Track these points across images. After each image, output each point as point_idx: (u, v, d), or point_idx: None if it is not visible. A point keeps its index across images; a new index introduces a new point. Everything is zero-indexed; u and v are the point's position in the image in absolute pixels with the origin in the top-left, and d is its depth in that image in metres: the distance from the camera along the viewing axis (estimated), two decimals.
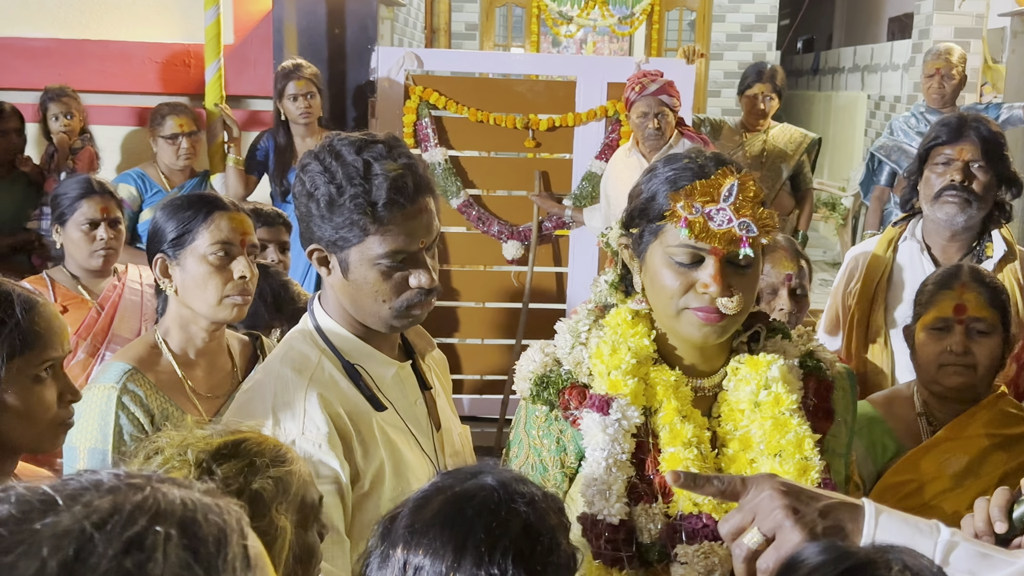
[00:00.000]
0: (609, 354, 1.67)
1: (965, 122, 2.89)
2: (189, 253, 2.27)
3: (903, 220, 3.07)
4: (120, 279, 3.30)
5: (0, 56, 5.14)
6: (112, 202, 3.28)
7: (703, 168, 1.61)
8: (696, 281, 1.60)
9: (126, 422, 2.16)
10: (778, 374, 1.66)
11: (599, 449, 1.63)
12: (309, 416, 1.73)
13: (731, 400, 1.69)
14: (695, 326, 1.62)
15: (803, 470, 1.62)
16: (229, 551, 0.76)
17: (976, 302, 2.41)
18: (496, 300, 5.54)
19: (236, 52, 5.19)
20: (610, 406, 1.64)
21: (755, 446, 1.65)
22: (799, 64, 15.66)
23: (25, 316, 1.66)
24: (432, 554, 1.19)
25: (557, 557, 1.22)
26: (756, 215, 1.58)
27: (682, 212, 1.58)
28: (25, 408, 1.66)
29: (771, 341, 1.75)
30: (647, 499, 1.64)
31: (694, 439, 1.64)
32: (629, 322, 1.70)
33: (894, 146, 5.39)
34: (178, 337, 2.32)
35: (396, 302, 1.78)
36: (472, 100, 5.32)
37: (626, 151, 4.83)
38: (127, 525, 0.73)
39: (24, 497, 0.75)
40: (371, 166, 1.71)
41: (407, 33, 8.90)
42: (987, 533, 1.59)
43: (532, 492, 1.26)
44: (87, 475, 0.79)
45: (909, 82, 9.05)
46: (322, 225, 1.75)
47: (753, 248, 1.58)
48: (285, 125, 4.81)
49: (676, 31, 12.46)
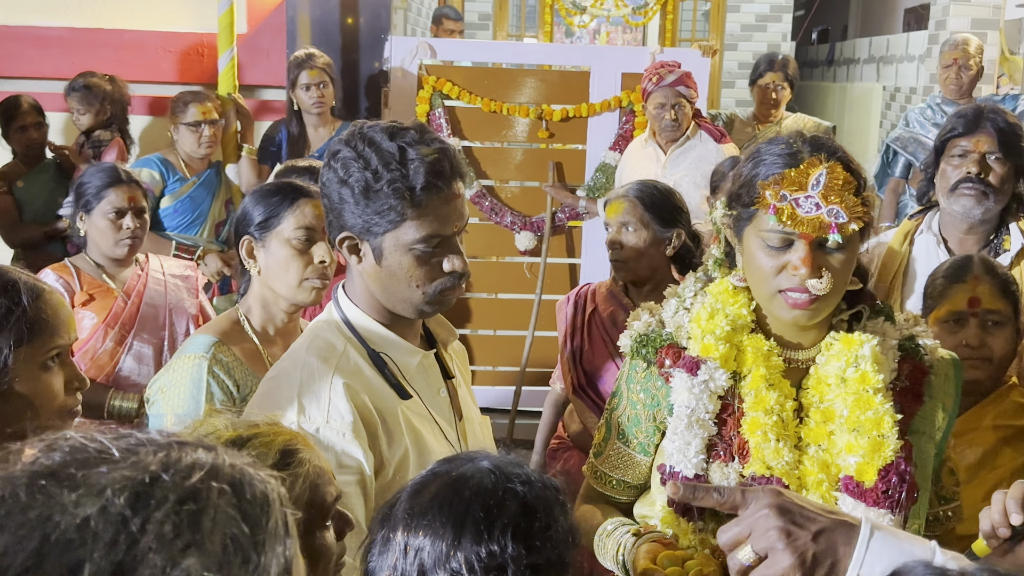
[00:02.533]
0: (707, 319, 1.77)
1: (981, 113, 2.86)
2: (274, 236, 2.36)
3: (919, 213, 3.04)
4: (143, 268, 3.32)
5: (15, 45, 5.15)
6: (139, 191, 3.30)
7: (796, 155, 1.68)
8: (787, 263, 1.67)
9: (217, 389, 2.25)
10: (868, 353, 1.72)
11: (684, 406, 1.75)
12: (334, 405, 1.74)
13: (821, 374, 1.76)
14: (786, 309, 1.70)
15: (877, 447, 1.69)
16: (273, 516, 0.81)
17: (989, 294, 2.40)
18: (509, 291, 5.53)
19: (249, 41, 5.19)
20: (699, 368, 1.75)
21: (836, 419, 1.72)
22: (814, 55, 15.57)
23: (32, 304, 1.66)
24: (432, 534, 1.22)
25: (555, 532, 1.25)
26: (845, 202, 1.64)
27: (771, 200, 1.65)
28: (32, 396, 1.67)
29: (872, 322, 1.80)
30: (724, 458, 1.75)
31: (776, 406, 1.72)
32: (731, 292, 1.80)
33: (910, 137, 5.35)
34: (259, 315, 2.42)
35: (430, 287, 1.80)
36: (485, 90, 5.31)
37: (642, 142, 4.82)
38: (186, 476, 0.77)
39: (79, 445, 0.79)
40: (406, 151, 1.72)
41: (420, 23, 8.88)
42: (1004, 525, 1.59)
43: (528, 473, 1.29)
44: (141, 433, 0.83)
45: (925, 73, 8.99)
46: (355, 212, 1.76)
47: (842, 234, 1.64)
48: (298, 115, 4.81)
49: (690, 21, 12.40)
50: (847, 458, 1.71)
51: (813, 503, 1.37)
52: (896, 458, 1.69)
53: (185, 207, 4.52)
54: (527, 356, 5.23)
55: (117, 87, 4.83)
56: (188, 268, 3.47)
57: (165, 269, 3.37)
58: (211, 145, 4.59)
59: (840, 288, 1.71)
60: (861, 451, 1.69)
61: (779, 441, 1.71)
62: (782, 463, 1.70)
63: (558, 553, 1.25)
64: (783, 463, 1.70)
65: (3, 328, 1.63)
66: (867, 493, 1.68)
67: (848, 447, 1.70)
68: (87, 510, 0.73)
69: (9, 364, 1.63)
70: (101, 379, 3.16)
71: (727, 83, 11.88)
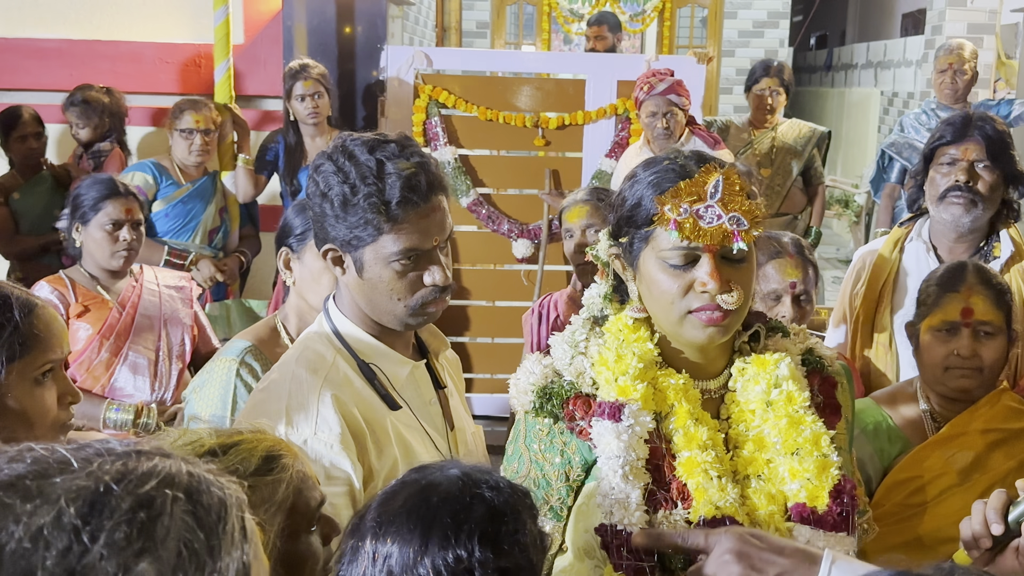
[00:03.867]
0: (614, 360, 1.65)
1: (970, 121, 2.84)
2: (308, 249, 2.36)
3: (910, 220, 3.04)
4: (137, 280, 3.33)
5: (12, 57, 5.17)
6: (135, 204, 3.32)
7: (685, 168, 1.59)
8: (694, 281, 1.58)
9: (243, 393, 2.26)
10: (787, 372, 1.65)
11: (614, 457, 1.59)
12: (322, 416, 1.74)
13: (740, 401, 1.67)
14: (699, 328, 1.60)
15: (822, 467, 1.61)
16: (229, 522, 0.82)
17: (983, 305, 2.38)
18: (506, 299, 5.53)
19: (246, 52, 5.20)
20: (622, 412, 1.60)
21: (771, 446, 1.64)
22: (812, 60, 15.59)
23: (24, 319, 1.67)
24: (400, 541, 1.22)
25: (524, 536, 1.26)
26: (745, 208, 1.57)
27: (670, 214, 1.56)
28: (25, 411, 1.67)
29: (772, 340, 1.74)
30: (667, 506, 1.60)
31: (709, 441, 1.62)
32: (630, 327, 1.68)
33: (905, 143, 5.36)
34: (295, 324, 2.42)
35: (411, 300, 1.80)
36: (482, 99, 5.32)
37: (637, 149, 4.83)
38: (140, 485, 0.79)
39: (41, 457, 0.81)
40: (384, 165, 1.73)
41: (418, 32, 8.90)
42: (984, 535, 1.59)
43: (496, 480, 1.29)
44: (100, 443, 0.85)
45: (922, 78, 9.01)
46: (336, 225, 1.77)
47: (746, 240, 1.56)
48: (295, 125, 4.81)
49: (688, 28, 12.42)
50: (791, 484, 1.62)
51: (777, 541, 1.37)
52: (842, 477, 1.62)
53: (177, 212, 4.53)
54: None
55: (114, 99, 4.85)
56: (182, 279, 3.48)
57: (160, 280, 3.39)
58: (202, 154, 4.60)
59: (747, 301, 1.62)
60: (808, 474, 1.60)
61: (721, 477, 1.60)
62: (729, 500, 1.59)
63: (527, 557, 1.25)
64: (730, 500, 1.59)
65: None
66: (823, 519, 1.60)
67: (792, 472, 1.61)
68: (41, 519, 0.75)
69: (1, 380, 1.64)
70: (96, 390, 3.17)
71: (724, 89, 11.89)
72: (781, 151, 5.48)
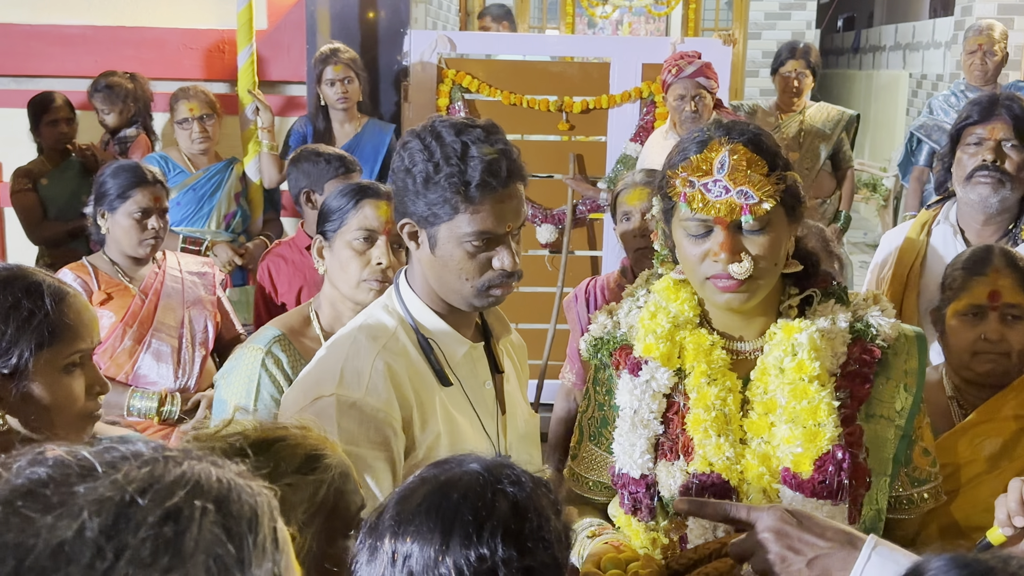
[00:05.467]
0: (649, 318, 1.78)
1: (996, 101, 2.82)
2: (339, 237, 2.45)
3: (937, 203, 3.01)
4: (160, 266, 3.33)
5: (37, 44, 5.20)
6: (163, 193, 3.33)
7: (704, 142, 1.68)
8: (709, 250, 1.67)
9: (267, 382, 2.30)
10: (805, 340, 1.69)
11: (627, 408, 1.77)
12: (372, 381, 1.81)
13: (764, 365, 1.75)
14: (716, 293, 1.69)
15: (812, 437, 1.67)
16: (260, 532, 0.79)
17: (1011, 288, 2.35)
18: (530, 284, 5.52)
19: (269, 37, 5.20)
20: (640, 368, 1.76)
21: (777, 411, 1.71)
22: (839, 43, 15.45)
23: (55, 308, 1.67)
24: (420, 540, 1.18)
25: (548, 533, 1.22)
26: (753, 182, 1.62)
27: (681, 188, 1.66)
28: (53, 399, 1.67)
29: (823, 305, 1.77)
30: (670, 457, 1.75)
31: (717, 402, 1.72)
32: (673, 287, 1.80)
33: (934, 125, 5.29)
34: (328, 313, 2.48)
35: (478, 281, 1.86)
36: (505, 83, 5.30)
37: (663, 133, 4.79)
38: (167, 496, 0.75)
39: (62, 460, 0.77)
40: (468, 148, 1.79)
41: (441, 16, 8.87)
42: (1020, 513, 1.58)
43: (519, 474, 1.25)
44: (126, 446, 0.81)
45: (951, 60, 8.90)
46: (416, 200, 1.83)
47: (755, 214, 1.62)
48: (324, 110, 4.80)
49: (713, 11, 12.33)
50: (785, 449, 1.69)
51: (819, 522, 1.39)
52: (832, 448, 1.66)
53: (188, 200, 4.53)
54: (549, 349, 5.21)
55: (139, 84, 4.86)
56: (205, 265, 3.48)
57: (182, 267, 3.39)
58: (204, 140, 4.57)
59: (770, 271, 1.68)
60: (798, 442, 1.67)
61: (720, 436, 1.71)
62: (722, 459, 1.70)
63: (551, 554, 1.22)
64: (723, 459, 1.70)
65: (25, 331, 1.64)
66: (804, 484, 1.67)
67: (786, 439, 1.69)
68: (63, 534, 0.71)
69: (29, 367, 1.64)
70: (120, 378, 3.18)
71: (751, 72, 11.80)
72: (809, 135, 5.43)
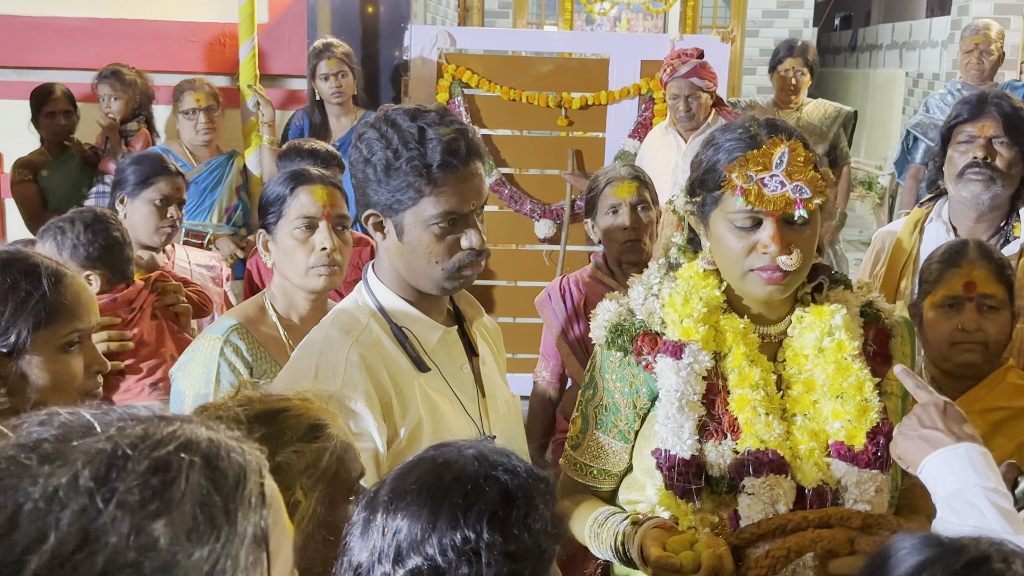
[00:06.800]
0: (682, 303, 1.83)
1: (986, 99, 2.85)
2: (280, 228, 2.44)
3: (929, 201, 3.04)
4: (169, 258, 3.36)
5: (39, 36, 5.20)
6: (183, 184, 3.36)
7: (755, 137, 1.74)
8: (757, 242, 1.74)
9: (226, 371, 2.31)
10: (841, 322, 1.81)
11: (673, 391, 1.79)
12: (348, 375, 1.82)
13: (796, 346, 1.84)
14: (759, 285, 1.76)
15: (863, 411, 1.78)
16: (247, 487, 0.84)
17: (985, 279, 2.41)
18: (528, 279, 5.55)
19: (270, 31, 5.22)
20: (683, 351, 1.80)
21: (818, 388, 1.81)
22: (836, 41, 15.48)
23: (52, 288, 1.71)
24: (410, 517, 1.22)
25: (535, 522, 1.24)
26: (808, 178, 1.71)
27: (737, 181, 1.71)
28: (51, 378, 1.71)
29: (834, 291, 1.88)
30: (717, 436, 1.80)
31: (761, 381, 1.80)
32: (700, 275, 1.85)
33: (930, 123, 5.33)
34: (282, 302, 2.49)
35: (448, 263, 1.87)
36: (505, 78, 5.33)
37: (662, 130, 4.82)
38: (156, 448, 0.81)
39: (66, 421, 0.84)
40: (425, 131, 1.81)
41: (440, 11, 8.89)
42: None
43: (514, 463, 1.28)
44: (125, 409, 0.87)
45: (948, 59, 8.93)
46: (378, 190, 1.84)
47: (807, 208, 1.71)
48: (320, 104, 4.83)
49: (711, 7, 12.35)
50: (833, 424, 1.79)
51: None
52: (881, 419, 1.79)
53: (190, 193, 4.51)
54: None
55: (143, 79, 4.89)
56: (213, 258, 3.52)
57: (191, 259, 3.42)
58: (208, 131, 4.61)
59: (808, 262, 1.78)
60: (848, 416, 1.78)
61: (768, 415, 1.78)
62: (774, 435, 1.77)
63: (537, 543, 1.24)
64: (775, 435, 1.77)
65: (23, 311, 1.68)
66: (858, 456, 1.77)
67: (834, 413, 1.79)
68: (57, 480, 0.78)
69: (27, 346, 1.68)
70: None
71: (748, 70, 11.83)
72: (806, 131, 5.43)
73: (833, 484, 1.79)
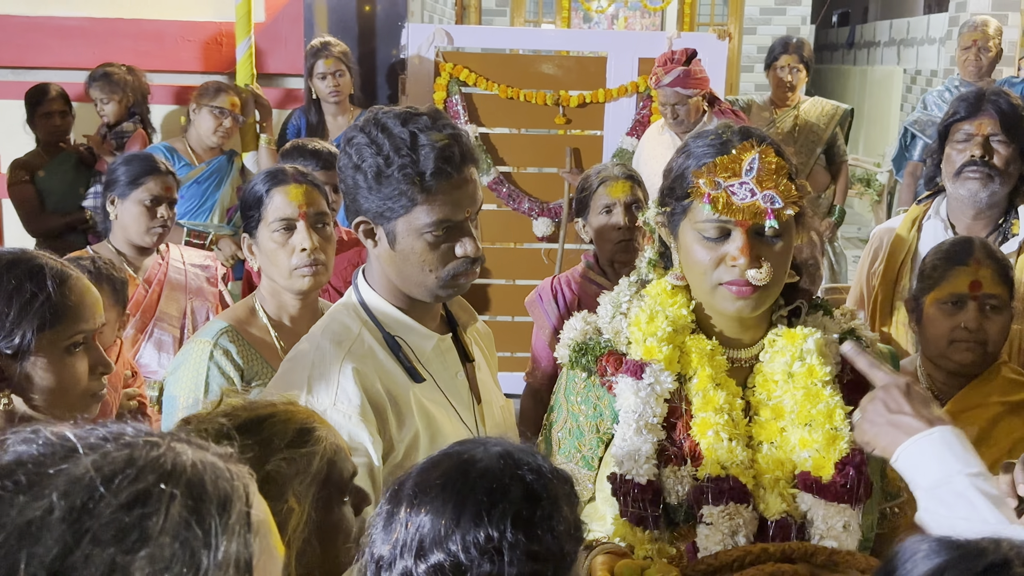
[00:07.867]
0: (646, 322, 1.72)
1: (983, 96, 2.83)
2: (260, 232, 2.41)
3: (927, 198, 3.03)
4: (163, 257, 3.35)
5: (34, 36, 5.19)
6: (174, 184, 3.35)
7: (726, 144, 1.64)
8: (726, 255, 1.63)
9: (216, 375, 2.28)
10: (813, 347, 1.70)
11: (631, 412, 1.68)
12: (342, 388, 1.76)
13: (766, 371, 1.73)
14: (728, 300, 1.66)
15: (832, 440, 1.66)
16: (231, 515, 0.82)
17: (991, 279, 2.39)
18: (526, 277, 5.54)
19: (267, 30, 5.21)
20: (644, 371, 1.69)
21: (786, 415, 1.69)
22: (834, 38, 15.48)
23: (57, 290, 1.70)
24: (434, 513, 1.21)
25: (558, 523, 1.23)
26: (780, 187, 1.61)
27: (705, 188, 1.61)
28: (56, 380, 1.71)
29: (812, 316, 1.78)
30: (676, 462, 1.68)
31: (726, 405, 1.68)
32: (668, 292, 1.75)
33: (928, 120, 5.32)
34: (272, 304, 2.47)
35: (443, 271, 1.81)
36: (502, 77, 5.32)
37: (659, 128, 4.81)
38: (135, 480, 0.79)
39: (49, 440, 0.81)
40: (417, 137, 1.74)
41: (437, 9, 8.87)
42: (1010, 495, 1.61)
43: (539, 463, 1.27)
44: (114, 427, 0.84)
45: (946, 56, 8.93)
46: (369, 197, 1.78)
47: (779, 219, 1.61)
48: (317, 103, 4.82)
49: (709, 5, 12.34)
50: (801, 453, 1.67)
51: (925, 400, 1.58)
52: (851, 450, 1.66)
53: (192, 193, 4.54)
54: None
55: (136, 77, 4.87)
56: (208, 258, 3.51)
57: (186, 259, 3.41)
58: (224, 136, 4.61)
59: (780, 278, 1.67)
60: (816, 445, 1.66)
61: (731, 440, 1.67)
62: (736, 462, 1.65)
63: (559, 544, 1.23)
64: (737, 462, 1.65)
65: (27, 312, 1.67)
66: (826, 488, 1.65)
67: (802, 442, 1.67)
68: (31, 514, 0.75)
69: (32, 347, 1.67)
70: None
71: (746, 67, 11.82)
72: (804, 129, 5.45)
73: (798, 517, 1.67)
